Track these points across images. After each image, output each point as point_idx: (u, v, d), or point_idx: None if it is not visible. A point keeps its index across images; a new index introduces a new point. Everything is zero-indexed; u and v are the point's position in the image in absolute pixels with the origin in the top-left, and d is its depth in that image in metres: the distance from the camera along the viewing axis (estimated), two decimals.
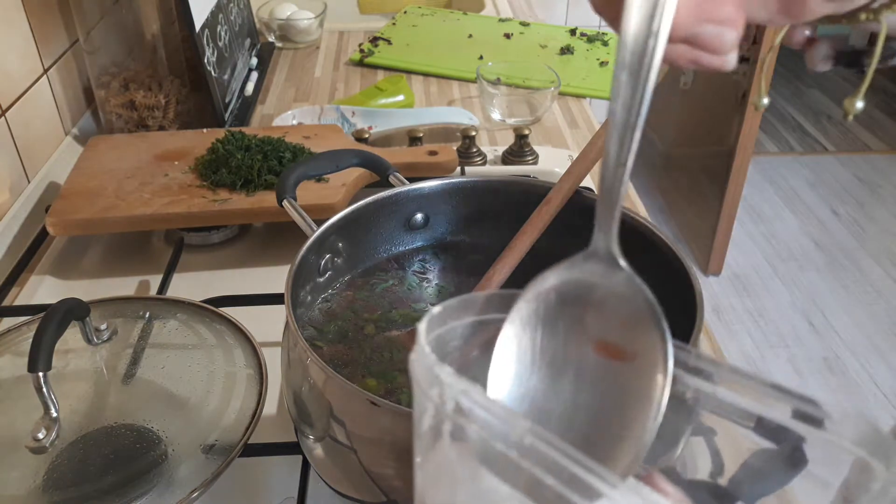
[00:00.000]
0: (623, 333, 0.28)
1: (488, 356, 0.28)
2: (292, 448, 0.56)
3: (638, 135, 0.25)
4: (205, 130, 0.96)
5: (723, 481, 0.33)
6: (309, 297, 0.59)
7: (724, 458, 0.33)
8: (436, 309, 0.26)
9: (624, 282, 0.28)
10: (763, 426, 0.27)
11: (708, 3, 0.27)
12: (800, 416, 0.25)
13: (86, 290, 0.80)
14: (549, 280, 0.28)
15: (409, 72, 1.29)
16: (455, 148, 0.94)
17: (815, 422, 0.25)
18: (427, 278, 0.63)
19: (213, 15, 1.09)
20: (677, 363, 0.28)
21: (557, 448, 0.21)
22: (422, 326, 0.24)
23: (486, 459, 0.23)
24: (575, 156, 0.59)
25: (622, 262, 0.28)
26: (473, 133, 0.98)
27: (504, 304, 0.29)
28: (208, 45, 1.04)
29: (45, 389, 0.51)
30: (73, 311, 0.56)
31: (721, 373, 0.27)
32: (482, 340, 0.29)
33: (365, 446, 0.46)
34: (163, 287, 0.77)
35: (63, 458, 0.51)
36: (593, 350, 0.28)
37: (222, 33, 1.12)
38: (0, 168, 0.87)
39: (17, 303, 0.77)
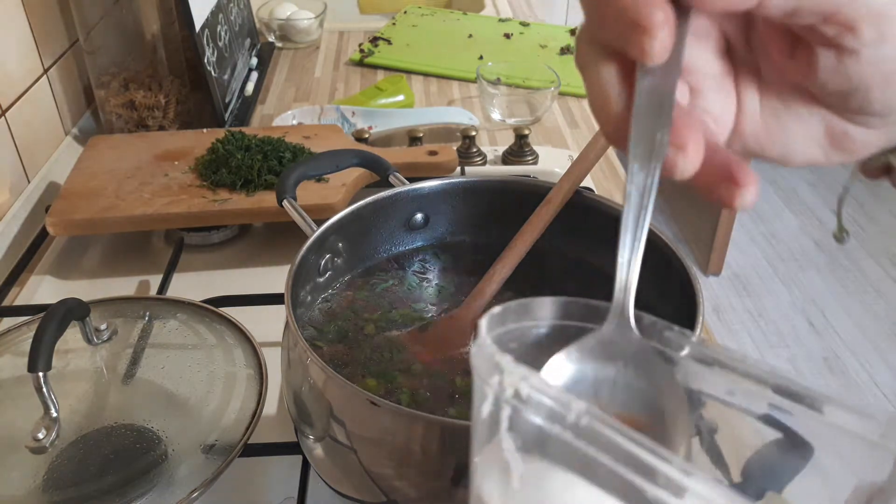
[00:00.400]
0: (642, 405, 0.29)
1: (544, 361, 0.29)
2: (292, 448, 0.56)
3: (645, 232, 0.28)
4: (205, 130, 0.96)
5: (732, 477, 0.33)
6: (309, 297, 0.59)
7: (726, 455, 0.33)
8: (496, 309, 0.27)
9: (639, 350, 0.28)
10: (769, 416, 0.27)
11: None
12: (808, 404, 0.25)
13: (86, 290, 0.80)
14: (569, 357, 0.29)
15: (409, 72, 1.29)
16: (455, 148, 0.94)
17: (818, 409, 0.25)
18: (427, 278, 0.63)
19: (213, 15, 1.09)
20: (681, 349, 0.28)
21: (614, 428, 0.21)
22: (483, 322, 0.25)
23: (542, 446, 0.24)
24: (575, 156, 0.59)
25: (636, 332, 0.28)
26: (473, 133, 0.98)
27: (564, 312, 0.29)
28: (208, 45, 1.04)
29: (45, 389, 0.51)
30: (73, 311, 0.56)
31: (726, 361, 0.27)
32: (539, 345, 0.30)
33: (365, 446, 0.46)
34: (163, 287, 0.77)
35: (63, 458, 0.51)
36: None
37: (222, 33, 1.12)
38: (0, 168, 0.87)
39: (17, 303, 0.77)
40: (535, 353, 0.29)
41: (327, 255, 0.59)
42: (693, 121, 0.27)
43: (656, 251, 0.55)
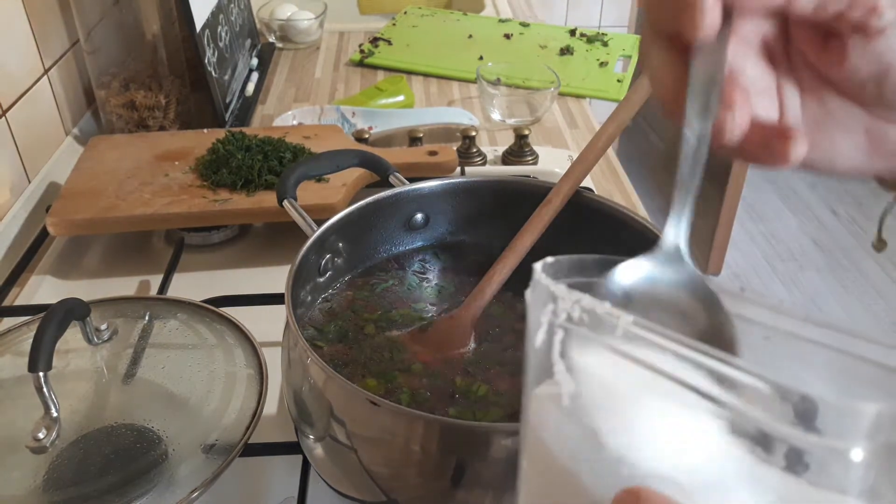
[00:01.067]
0: (692, 330, 0.30)
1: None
2: (292, 448, 0.56)
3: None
4: (205, 130, 0.96)
5: None
6: (309, 297, 0.59)
7: None
8: (549, 259, 0.28)
9: (687, 276, 0.31)
10: (782, 385, 0.28)
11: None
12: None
13: (86, 290, 0.80)
14: (621, 279, 0.31)
15: (409, 72, 1.29)
16: (455, 148, 0.94)
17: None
18: (427, 278, 0.63)
19: (214, 15, 1.09)
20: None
21: (662, 334, 0.23)
22: (538, 265, 0.27)
23: (592, 366, 0.25)
24: (575, 156, 0.59)
25: (687, 259, 0.31)
26: (473, 133, 0.98)
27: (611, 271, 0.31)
28: (209, 45, 1.04)
29: (45, 389, 0.51)
30: (73, 311, 0.56)
31: (763, 307, 0.28)
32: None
33: (365, 446, 0.46)
34: (163, 287, 0.77)
35: (63, 458, 0.51)
36: None
37: (223, 34, 1.12)
38: (0, 168, 0.87)
39: (18, 303, 0.77)
40: None
41: (327, 255, 0.59)
42: (740, 87, 0.31)
43: None
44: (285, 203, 0.63)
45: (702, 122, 0.30)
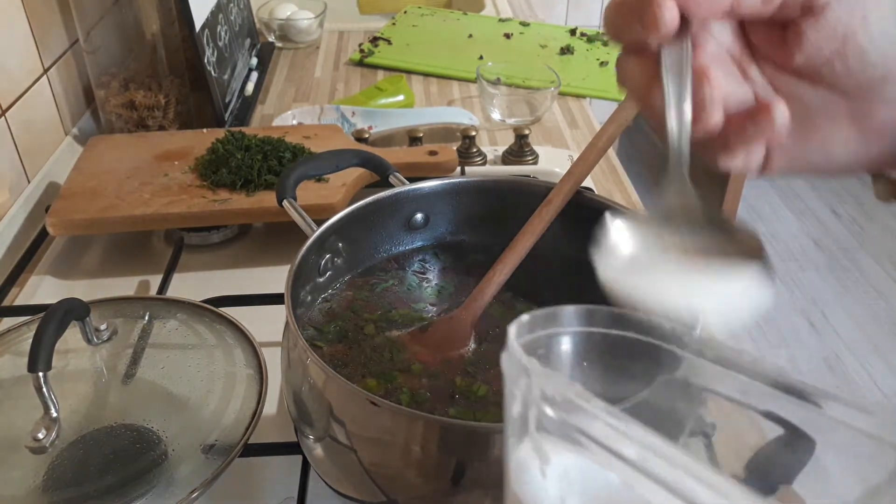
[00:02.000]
0: (713, 249, 0.32)
1: (571, 365, 0.31)
2: (292, 448, 0.56)
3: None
4: (205, 130, 0.96)
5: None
6: (309, 297, 0.59)
7: (727, 455, 0.34)
8: (524, 317, 0.28)
9: (700, 206, 0.33)
10: (772, 412, 0.28)
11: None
12: (808, 399, 0.27)
13: (86, 290, 0.80)
14: (640, 223, 0.34)
15: (409, 72, 1.29)
16: (455, 148, 0.94)
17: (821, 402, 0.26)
18: (427, 278, 0.63)
19: (213, 15, 1.09)
20: (687, 346, 0.30)
21: (632, 424, 0.24)
22: (511, 329, 0.27)
23: (568, 441, 0.26)
24: (575, 156, 0.59)
25: (693, 190, 0.33)
26: (473, 133, 0.98)
27: (589, 320, 0.31)
28: (208, 44, 1.04)
29: (45, 389, 0.51)
30: (73, 311, 0.56)
31: (730, 358, 0.28)
32: (565, 350, 0.31)
33: (365, 446, 0.46)
34: (163, 287, 0.77)
35: (63, 458, 0.51)
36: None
37: (222, 33, 1.12)
38: (0, 168, 0.87)
39: (17, 303, 0.77)
40: (562, 358, 0.31)
41: (327, 255, 0.59)
42: (711, 60, 0.33)
43: None
44: (285, 203, 0.63)
45: (679, 104, 0.32)
